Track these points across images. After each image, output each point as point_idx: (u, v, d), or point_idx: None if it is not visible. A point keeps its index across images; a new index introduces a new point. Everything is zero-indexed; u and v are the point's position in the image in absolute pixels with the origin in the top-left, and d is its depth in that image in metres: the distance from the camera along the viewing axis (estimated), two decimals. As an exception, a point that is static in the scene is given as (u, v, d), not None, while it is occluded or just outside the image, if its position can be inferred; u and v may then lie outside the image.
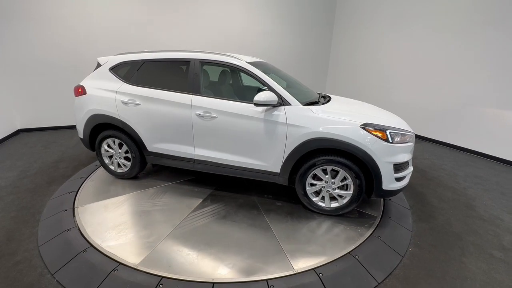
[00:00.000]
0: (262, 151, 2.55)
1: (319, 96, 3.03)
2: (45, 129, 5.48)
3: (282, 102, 2.45)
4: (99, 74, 3.08)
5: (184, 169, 2.98)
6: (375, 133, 2.26)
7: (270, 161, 2.56)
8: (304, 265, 1.97)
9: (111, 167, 3.23)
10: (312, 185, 2.55)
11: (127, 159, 3.14)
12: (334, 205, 2.55)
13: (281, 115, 2.42)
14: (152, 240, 2.19)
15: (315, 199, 2.58)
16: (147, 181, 3.22)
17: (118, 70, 3.02)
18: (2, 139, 4.69)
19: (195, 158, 2.82)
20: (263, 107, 2.43)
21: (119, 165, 3.20)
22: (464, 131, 4.84)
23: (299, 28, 7.31)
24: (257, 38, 6.88)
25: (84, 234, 2.25)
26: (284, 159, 2.49)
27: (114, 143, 3.10)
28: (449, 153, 4.81)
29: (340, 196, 2.50)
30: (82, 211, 2.59)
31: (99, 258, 1.98)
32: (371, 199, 2.86)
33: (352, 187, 2.41)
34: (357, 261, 2.02)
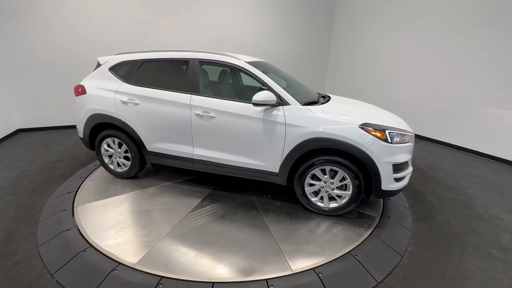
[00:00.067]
0: (261, 151, 2.55)
1: (319, 96, 3.02)
2: (44, 129, 5.47)
3: (281, 102, 2.45)
4: (99, 74, 3.08)
5: (183, 168, 2.98)
6: (374, 133, 2.25)
7: (269, 161, 2.56)
8: (302, 265, 1.97)
9: (111, 167, 3.23)
10: (311, 185, 2.54)
11: (127, 158, 3.15)
12: (333, 205, 2.54)
13: (280, 115, 2.41)
14: (151, 240, 2.19)
15: (314, 199, 2.58)
16: (146, 180, 3.22)
17: (117, 69, 3.02)
18: (1, 139, 4.68)
19: (194, 158, 2.82)
20: (261, 107, 2.42)
21: (118, 164, 3.20)
22: (464, 130, 4.84)
23: (298, 28, 7.31)
24: (256, 38, 6.87)
25: (84, 234, 2.25)
26: (282, 159, 2.49)
27: (114, 142, 3.10)
28: (448, 152, 4.82)
29: (339, 196, 2.49)
30: (82, 210, 2.59)
31: (98, 258, 1.98)
32: (370, 199, 2.86)
33: (351, 187, 2.40)
34: (356, 261, 2.03)
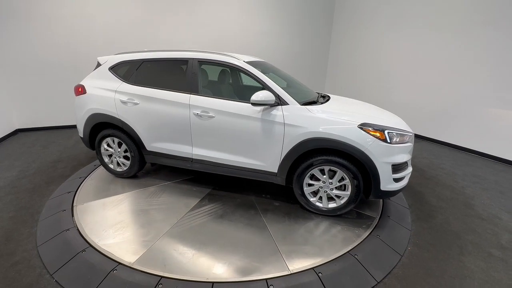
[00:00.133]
0: (259, 151, 2.54)
1: (318, 96, 3.02)
2: (44, 129, 5.47)
3: (280, 102, 2.44)
4: (99, 74, 3.08)
5: (183, 168, 2.98)
6: (373, 133, 2.24)
7: (267, 161, 2.55)
8: (300, 265, 1.96)
9: (111, 166, 3.23)
10: (309, 185, 2.53)
11: (126, 158, 3.15)
12: (332, 205, 2.53)
13: (279, 114, 2.41)
14: (149, 239, 2.19)
15: (312, 199, 2.57)
16: (146, 180, 3.22)
17: (117, 69, 3.02)
18: (0, 139, 4.67)
19: (193, 158, 2.82)
20: (260, 106, 2.42)
21: (118, 164, 3.20)
22: (464, 130, 4.84)
23: (297, 28, 7.31)
24: (256, 38, 6.87)
25: (83, 233, 2.24)
26: (281, 159, 2.48)
27: (114, 142, 3.10)
28: (448, 152, 4.82)
29: (337, 196, 2.49)
30: (81, 209, 2.59)
31: (98, 258, 1.98)
32: (370, 199, 2.86)
33: (349, 187, 2.39)
34: (356, 260, 2.02)
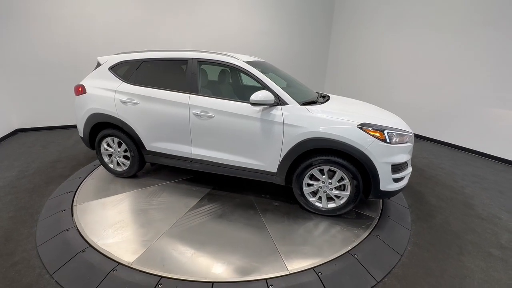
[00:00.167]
0: (259, 150, 2.54)
1: (318, 96, 3.02)
2: (43, 129, 5.46)
3: (279, 102, 2.44)
4: (99, 74, 3.08)
5: (182, 168, 2.98)
6: (373, 133, 2.23)
7: (267, 160, 2.55)
8: (299, 266, 1.96)
9: (111, 166, 3.23)
10: (309, 185, 2.53)
11: (126, 157, 3.14)
12: (331, 205, 2.53)
13: (278, 114, 2.40)
14: (148, 238, 2.19)
15: (312, 199, 2.57)
16: (146, 179, 3.22)
17: (117, 69, 3.02)
18: (0, 139, 4.67)
19: (193, 158, 2.82)
20: (259, 106, 2.41)
21: (118, 163, 3.20)
22: (464, 130, 4.85)
23: (297, 28, 7.30)
24: (256, 38, 6.87)
25: (83, 233, 2.24)
26: (281, 159, 2.48)
27: (114, 141, 3.10)
28: (448, 152, 4.82)
29: (337, 196, 2.48)
30: (81, 209, 2.59)
31: (98, 258, 1.98)
32: (369, 199, 2.86)
33: (349, 187, 2.39)
34: (356, 260, 2.03)
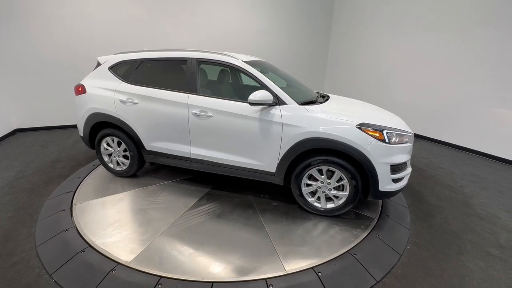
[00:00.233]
0: (257, 150, 2.54)
1: (318, 96, 3.02)
2: (42, 129, 5.45)
3: (278, 101, 2.43)
4: (99, 73, 3.08)
5: (182, 167, 2.97)
6: (372, 133, 2.22)
7: (265, 160, 2.55)
8: (296, 266, 1.95)
9: (110, 165, 3.23)
10: (307, 185, 2.52)
11: (126, 157, 3.14)
12: (330, 205, 2.52)
13: (277, 114, 2.40)
14: (146, 238, 2.19)
15: (310, 199, 2.56)
16: (145, 179, 3.22)
17: (117, 69, 3.02)
18: (-1, 138, 4.67)
19: (192, 157, 2.82)
20: (258, 106, 2.41)
21: (118, 163, 3.20)
22: (463, 130, 4.85)
23: (296, 28, 7.30)
24: (255, 38, 6.86)
25: (82, 233, 2.24)
26: (279, 159, 2.48)
27: (113, 141, 3.10)
28: (448, 152, 4.83)
29: (336, 196, 2.48)
30: (80, 208, 2.60)
31: (97, 258, 1.98)
32: (368, 200, 2.86)
33: (348, 188, 2.38)
34: (355, 260, 2.03)
